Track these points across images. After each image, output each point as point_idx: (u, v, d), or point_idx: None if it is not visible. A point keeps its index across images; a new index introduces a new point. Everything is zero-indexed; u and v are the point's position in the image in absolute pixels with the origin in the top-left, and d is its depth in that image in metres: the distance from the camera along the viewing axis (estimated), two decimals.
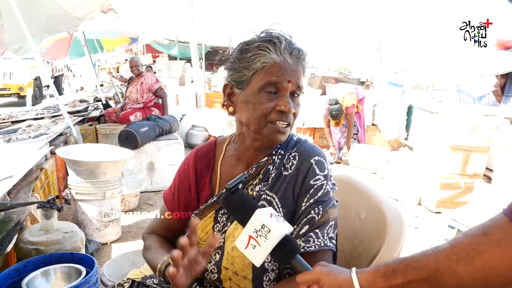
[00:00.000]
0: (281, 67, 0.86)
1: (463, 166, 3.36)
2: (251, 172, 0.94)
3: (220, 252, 0.93)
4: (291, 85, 0.87)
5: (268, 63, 0.86)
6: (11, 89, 9.67)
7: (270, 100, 0.87)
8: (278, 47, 0.86)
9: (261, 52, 0.86)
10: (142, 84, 4.51)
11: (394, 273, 0.64)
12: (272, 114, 0.87)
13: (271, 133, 0.89)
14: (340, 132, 4.93)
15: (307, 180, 0.88)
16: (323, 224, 0.85)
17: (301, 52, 0.90)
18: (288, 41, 0.88)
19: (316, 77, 9.08)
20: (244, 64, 0.89)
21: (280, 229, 0.71)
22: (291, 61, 0.87)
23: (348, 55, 29.79)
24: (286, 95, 0.87)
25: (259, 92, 0.87)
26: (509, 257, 0.57)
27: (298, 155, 0.92)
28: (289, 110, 0.87)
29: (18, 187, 2.09)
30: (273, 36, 0.88)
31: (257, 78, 0.87)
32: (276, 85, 0.87)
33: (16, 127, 3.76)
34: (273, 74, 0.86)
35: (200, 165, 1.01)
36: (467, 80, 6.54)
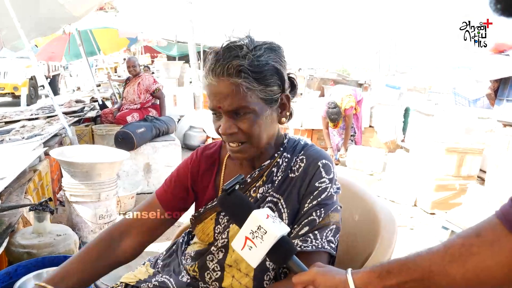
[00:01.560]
0: (210, 90, 0.84)
1: (457, 168, 3.39)
2: (254, 175, 0.94)
3: (224, 251, 0.93)
4: (222, 110, 0.83)
5: (205, 85, 0.86)
6: (6, 89, 9.58)
7: (216, 121, 0.87)
8: (207, 68, 0.83)
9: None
10: (139, 84, 4.49)
11: (389, 274, 0.65)
12: (222, 135, 0.87)
13: (231, 152, 0.89)
14: (338, 135, 4.94)
15: (313, 182, 0.88)
16: (323, 227, 0.85)
17: (227, 68, 0.79)
18: (216, 59, 0.81)
19: (314, 78, 9.09)
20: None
21: (276, 230, 0.71)
22: (216, 82, 0.81)
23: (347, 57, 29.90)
24: (222, 117, 0.85)
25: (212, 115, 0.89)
26: (501, 259, 0.57)
27: (306, 158, 0.92)
28: (224, 132, 0.84)
29: (10, 189, 2.08)
30: (212, 51, 0.84)
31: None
32: (212, 109, 0.86)
33: (10, 128, 3.74)
34: (208, 98, 0.86)
35: (204, 165, 1.00)
36: (463, 83, 6.57)
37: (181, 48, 11.09)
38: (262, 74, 0.82)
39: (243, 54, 0.80)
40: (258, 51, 0.82)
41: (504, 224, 0.58)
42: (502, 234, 0.58)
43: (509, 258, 0.57)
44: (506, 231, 0.57)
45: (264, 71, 0.82)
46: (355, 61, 22.22)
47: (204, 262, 0.95)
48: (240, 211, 0.76)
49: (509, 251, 0.57)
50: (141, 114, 4.38)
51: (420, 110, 5.44)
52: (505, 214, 0.59)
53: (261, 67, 0.82)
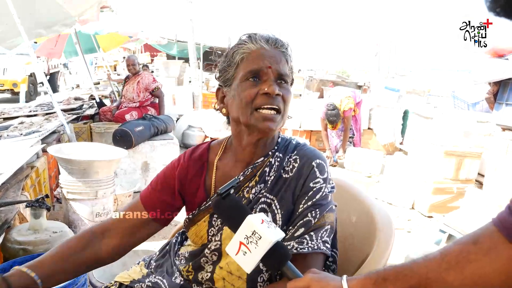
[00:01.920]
0: (259, 54, 0.87)
1: (456, 171, 3.39)
2: (247, 173, 0.92)
3: (217, 253, 0.92)
4: (272, 71, 0.87)
5: (246, 53, 0.88)
6: (5, 85, 9.55)
7: (254, 87, 0.86)
8: (253, 38, 0.89)
9: (239, 46, 0.90)
10: (138, 83, 4.49)
11: (384, 281, 0.64)
12: (257, 99, 0.86)
13: (259, 122, 0.86)
14: (336, 136, 4.94)
15: (307, 182, 0.88)
16: (319, 228, 0.85)
17: (278, 41, 0.90)
18: (263, 33, 0.91)
19: (314, 80, 9.10)
20: (227, 62, 0.92)
21: (271, 235, 0.70)
22: (269, 48, 0.88)
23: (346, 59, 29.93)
24: (269, 79, 0.86)
25: (242, 83, 0.88)
26: (498, 266, 0.57)
27: (299, 158, 0.91)
28: (273, 91, 0.84)
29: (7, 185, 2.06)
30: (251, 33, 0.91)
31: (239, 70, 0.89)
32: (256, 72, 0.87)
33: (8, 124, 3.72)
34: (252, 62, 0.87)
35: (192, 169, 0.99)
36: (462, 86, 6.59)
37: (181, 47, 11.09)
38: (291, 56, 0.93)
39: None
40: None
41: (501, 231, 0.58)
42: (499, 242, 0.58)
43: (506, 265, 0.57)
44: (503, 239, 0.57)
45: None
46: (354, 63, 22.26)
47: (199, 263, 0.95)
48: (235, 215, 0.75)
49: (506, 258, 0.57)
50: (140, 113, 4.37)
51: (419, 113, 5.45)
52: (502, 221, 0.58)
53: (291, 51, 0.93)
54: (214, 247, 0.92)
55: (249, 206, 0.90)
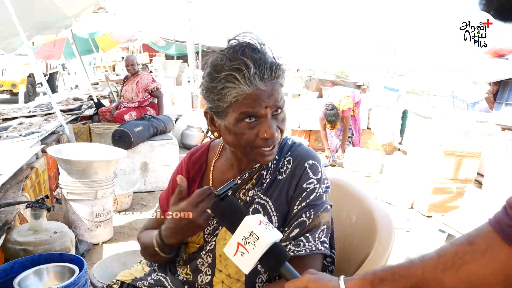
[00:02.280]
0: (255, 97, 0.79)
1: (455, 171, 3.39)
2: (244, 177, 0.93)
3: (211, 255, 0.92)
4: (270, 109, 0.82)
5: (240, 95, 0.79)
6: (4, 86, 9.55)
7: (252, 128, 0.82)
8: (247, 76, 0.78)
9: (230, 85, 0.79)
10: (137, 83, 4.49)
11: (382, 282, 0.64)
12: (257, 141, 0.83)
13: (259, 157, 0.86)
14: (335, 136, 4.94)
15: (301, 183, 0.88)
16: (314, 229, 0.85)
17: (274, 72, 0.81)
18: (257, 64, 0.79)
19: (313, 79, 9.11)
20: (217, 96, 0.83)
21: (268, 236, 0.71)
22: (265, 87, 0.80)
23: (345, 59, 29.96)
24: (266, 120, 0.82)
25: (237, 123, 0.83)
26: (494, 267, 0.57)
27: (293, 159, 0.91)
28: (273, 135, 0.82)
29: (7, 186, 2.06)
30: (241, 62, 0.78)
31: (232, 109, 0.82)
32: (253, 115, 0.82)
33: (7, 125, 3.72)
34: (248, 106, 0.80)
35: (192, 170, 1.01)
36: (461, 86, 6.59)
37: (180, 47, 11.08)
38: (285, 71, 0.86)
39: (271, 54, 0.84)
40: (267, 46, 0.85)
41: (497, 232, 0.58)
42: (495, 242, 0.58)
43: (503, 266, 0.57)
44: (499, 239, 0.58)
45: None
46: (353, 62, 22.26)
47: (196, 266, 0.95)
48: (233, 217, 0.76)
49: (502, 259, 0.57)
50: (139, 113, 4.37)
51: (418, 112, 5.45)
52: (498, 222, 0.59)
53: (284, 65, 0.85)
54: (209, 248, 0.93)
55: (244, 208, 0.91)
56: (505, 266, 0.57)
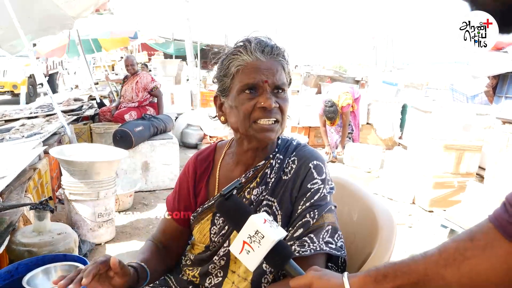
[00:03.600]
0: (254, 67, 0.86)
1: (456, 165, 3.39)
2: (249, 175, 0.94)
3: (226, 258, 0.94)
4: (269, 84, 0.86)
5: (241, 65, 0.87)
6: (5, 87, 9.59)
7: (251, 99, 0.87)
8: (249, 48, 0.87)
9: (234, 57, 0.88)
10: (137, 83, 4.49)
11: (384, 278, 0.65)
12: (255, 112, 0.86)
13: (258, 133, 0.87)
14: (335, 132, 4.95)
15: (305, 183, 0.89)
16: (318, 229, 0.86)
17: (274, 49, 0.89)
18: (258, 41, 0.89)
19: (311, 76, 9.10)
20: (223, 72, 0.91)
21: (273, 234, 0.72)
22: (264, 59, 0.87)
23: (343, 53, 29.92)
24: (265, 92, 0.86)
25: (239, 95, 0.88)
26: (494, 263, 0.58)
27: (298, 160, 0.93)
28: (270, 105, 0.85)
29: (11, 188, 2.08)
30: (245, 40, 0.89)
31: (235, 82, 0.88)
32: (253, 86, 0.86)
33: (10, 126, 3.73)
34: (247, 76, 0.86)
35: (199, 170, 1.02)
36: (460, 79, 6.58)
37: (178, 46, 11.06)
38: (288, 61, 0.92)
39: (276, 42, 0.91)
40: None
41: (497, 228, 0.59)
42: (495, 238, 0.59)
43: (503, 262, 0.58)
44: (499, 235, 0.58)
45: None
46: (351, 57, 22.21)
47: (207, 270, 0.96)
48: (238, 215, 0.77)
49: (503, 255, 0.58)
50: (139, 112, 4.38)
51: (417, 107, 5.45)
52: (498, 218, 0.59)
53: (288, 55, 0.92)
54: (223, 253, 0.94)
55: (250, 207, 0.92)
56: (505, 261, 0.58)
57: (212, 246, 0.96)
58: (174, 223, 1.02)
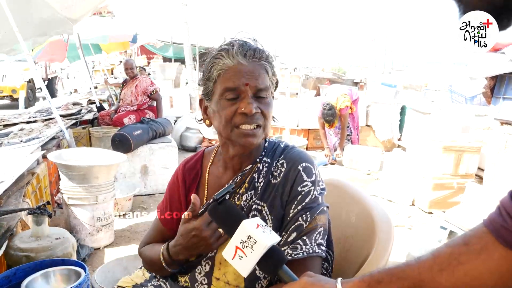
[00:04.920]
0: (236, 71, 0.85)
1: (455, 166, 3.39)
2: (237, 180, 0.94)
3: (210, 263, 0.92)
4: (250, 87, 0.85)
5: (222, 70, 0.86)
6: (4, 92, 9.62)
7: (232, 105, 0.85)
8: (230, 52, 0.86)
9: (216, 61, 0.87)
10: (136, 86, 4.49)
11: (379, 283, 0.65)
12: (236, 118, 0.85)
13: (240, 138, 0.86)
14: (334, 134, 4.95)
15: (295, 186, 0.88)
16: (311, 231, 0.85)
17: (257, 52, 0.87)
18: (241, 43, 0.87)
19: (310, 78, 9.11)
20: (206, 75, 0.90)
21: (266, 240, 0.71)
22: (246, 63, 0.85)
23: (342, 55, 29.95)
24: (246, 97, 0.85)
25: (220, 99, 0.87)
26: (489, 267, 0.58)
27: (286, 162, 0.91)
28: (251, 111, 0.83)
29: (9, 193, 2.07)
30: (228, 44, 0.88)
31: (216, 86, 0.87)
32: (234, 91, 0.85)
33: (8, 131, 3.73)
34: (228, 79, 0.85)
35: (188, 178, 1.02)
36: (459, 80, 6.59)
37: (177, 49, 11.08)
38: (273, 64, 0.91)
39: (260, 45, 0.90)
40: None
41: (492, 232, 0.59)
42: (490, 243, 0.58)
43: (498, 266, 0.57)
44: (494, 240, 0.58)
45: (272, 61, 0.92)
46: (350, 59, 22.24)
47: (194, 275, 0.95)
48: (230, 220, 0.76)
49: (497, 259, 0.57)
50: (138, 116, 4.38)
51: (416, 108, 5.46)
52: (492, 222, 0.59)
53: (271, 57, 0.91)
54: (209, 255, 0.93)
55: (243, 210, 0.92)
56: (500, 266, 0.57)
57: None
58: (168, 233, 1.01)
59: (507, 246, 0.57)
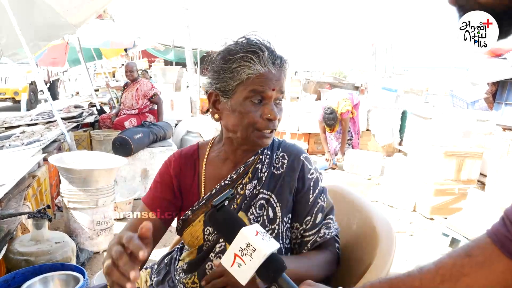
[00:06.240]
0: (266, 77, 0.89)
1: (457, 172, 3.38)
2: (240, 171, 0.97)
3: (222, 256, 0.91)
4: (275, 92, 0.91)
5: (253, 74, 0.89)
6: (6, 94, 9.63)
7: (256, 109, 0.90)
8: (262, 58, 0.89)
9: (246, 64, 0.89)
10: (137, 90, 4.50)
11: None
12: (260, 123, 0.90)
13: (258, 139, 0.92)
14: (335, 139, 4.94)
15: (304, 175, 0.97)
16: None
17: (283, 61, 0.93)
18: (270, 51, 0.92)
19: (311, 82, 9.12)
20: (229, 74, 0.90)
21: (265, 247, 0.70)
22: (275, 71, 0.90)
23: (343, 59, 30.05)
24: (270, 103, 0.91)
25: (244, 101, 0.90)
26: (492, 279, 0.57)
27: (287, 155, 1.00)
28: (275, 117, 0.91)
29: (10, 196, 2.07)
30: (256, 47, 0.90)
31: (242, 88, 0.90)
32: (261, 94, 0.90)
33: (10, 133, 3.73)
34: (258, 84, 0.89)
35: (184, 166, 1.01)
36: (460, 85, 6.58)
37: (178, 53, 11.11)
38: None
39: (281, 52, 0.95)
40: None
41: (495, 243, 0.57)
42: (493, 254, 0.57)
43: (501, 278, 0.56)
44: (497, 251, 0.57)
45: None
46: (350, 63, 22.29)
47: (204, 271, 0.94)
48: (229, 228, 0.75)
49: (501, 271, 0.56)
50: (138, 119, 4.38)
51: (417, 113, 5.45)
52: (496, 233, 0.58)
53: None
54: (219, 249, 0.93)
55: (245, 202, 0.94)
56: (504, 278, 0.56)
57: (206, 245, 0.95)
58: (156, 217, 0.95)
59: (511, 257, 0.56)
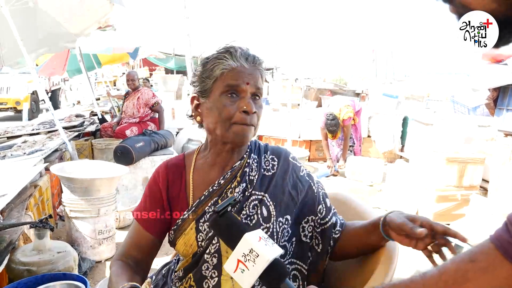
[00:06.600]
0: (239, 71, 0.92)
1: (459, 178, 3.37)
2: (227, 176, 0.98)
3: (217, 255, 0.92)
4: (250, 87, 0.93)
5: (226, 69, 0.92)
6: (8, 104, 9.66)
7: (232, 103, 0.92)
8: (234, 55, 0.94)
9: (219, 61, 0.93)
10: (138, 99, 4.52)
11: None
12: (236, 116, 0.92)
13: (235, 135, 0.93)
14: (337, 145, 4.94)
15: (298, 174, 1.03)
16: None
17: (256, 58, 0.97)
18: (243, 49, 0.96)
19: (311, 89, 9.14)
20: (206, 74, 0.96)
21: (268, 253, 0.70)
22: (248, 66, 0.94)
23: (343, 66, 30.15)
24: (246, 97, 0.93)
25: (220, 97, 0.93)
26: (496, 285, 0.57)
27: (276, 157, 1.04)
28: (251, 110, 0.92)
29: (12, 206, 2.07)
30: (229, 47, 0.96)
31: (217, 84, 0.94)
32: (235, 88, 0.92)
33: (12, 143, 3.75)
34: (232, 78, 0.92)
35: (171, 176, 1.02)
36: (461, 90, 6.59)
37: (179, 61, 11.18)
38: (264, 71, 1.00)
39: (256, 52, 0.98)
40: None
41: (498, 249, 0.57)
42: (497, 260, 0.57)
43: (504, 283, 0.56)
44: (501, 256, 0.57)
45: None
46: (351, 69, 22.36)
47: (200, 273, 0.94)
48: (232, 233, 0.75)
49: (504, 276, 0.56)
50: (140, 128, 4.39)
51: (419, 119, 5.45)
52: (499, 238, 0.58)
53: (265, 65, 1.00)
54: (214, 250, 0.92)
55: (237, 206, 0.95)
56: (507, 284, 0.56)
57: (199, 250, 0.95)
58: (150, 235, 1.00)
59: None
